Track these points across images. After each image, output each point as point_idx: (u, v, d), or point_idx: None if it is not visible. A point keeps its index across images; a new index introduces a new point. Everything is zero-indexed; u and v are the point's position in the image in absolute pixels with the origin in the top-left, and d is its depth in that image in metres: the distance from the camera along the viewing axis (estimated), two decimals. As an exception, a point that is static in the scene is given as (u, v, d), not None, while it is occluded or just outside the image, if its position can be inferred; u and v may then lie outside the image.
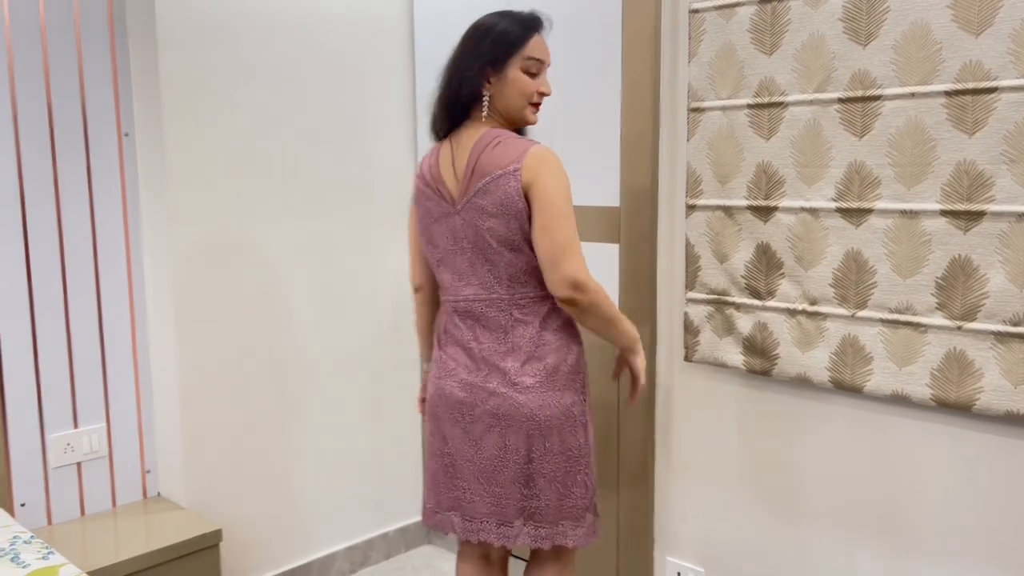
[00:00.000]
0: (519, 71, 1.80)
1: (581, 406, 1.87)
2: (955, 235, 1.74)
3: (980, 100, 1.68)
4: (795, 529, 2.11)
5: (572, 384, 1.85)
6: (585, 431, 1.88)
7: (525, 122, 1.86)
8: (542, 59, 1.82)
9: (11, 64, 2.18)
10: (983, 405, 1.73)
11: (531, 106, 1.85)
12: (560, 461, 1.84)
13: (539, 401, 1.82)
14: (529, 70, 1.81)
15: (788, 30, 1.94)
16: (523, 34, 1.80)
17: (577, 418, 1.86)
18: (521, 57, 1.80)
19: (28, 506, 2.30)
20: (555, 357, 1.83)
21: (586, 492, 1.89)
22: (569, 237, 1.73)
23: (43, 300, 2.28)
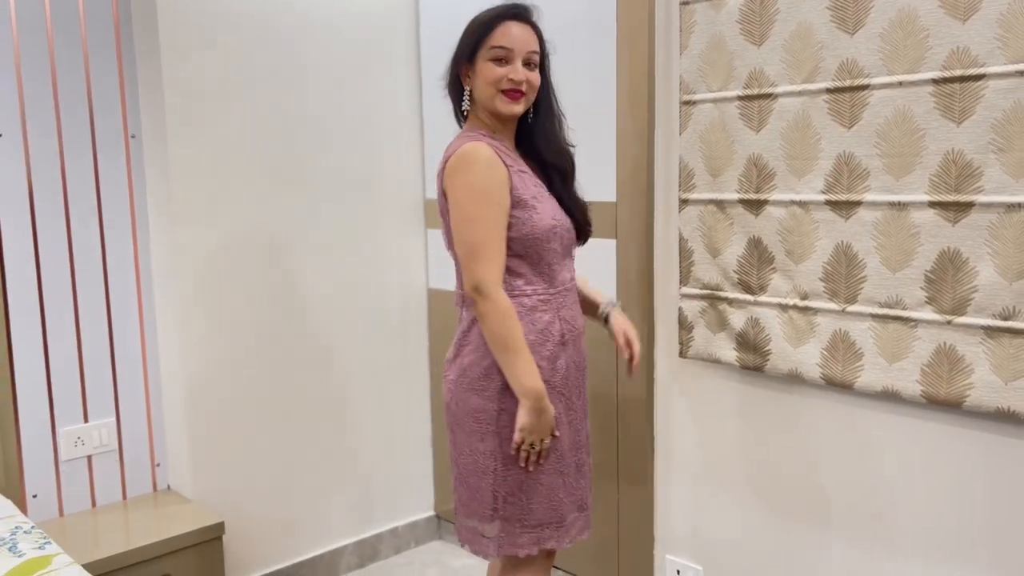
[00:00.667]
0: (486, 61, 1.77)
1: (492, 414, 1.77)
2: (944, 227, 1.69)
3: (968, 88, 1.63)
4: (791, 527, 2.08)
5: (483, 389, 1.78)
6: (496, 439, 1.77)
7: (500, 113, 1.79)
8: (508, 46, 1.74)
9: (19, 66, 2.25)
10: (973, 402, 1.68)
11: (501, 94, 1.76)
12: (467, 460, 1.82)
13: (451, 396, 1.84)
14: (496, 58, 1.75)
15: (777, 20, 1.90)
16: (489, 23, 1.76)
17: (484, 424, 1.78)
18: (487, 47, 1.76)
19: (40, 497, 2.37)
20: (471, 358, 1.80)
21: (493, 501, 1.79)
22: (474, 241, 1.70)
23: (53, 297, 2.35)
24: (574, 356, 1.86)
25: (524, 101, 1.79)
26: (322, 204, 2.70)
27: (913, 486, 1.84)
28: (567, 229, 1.86)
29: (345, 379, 2.81)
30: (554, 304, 1.82)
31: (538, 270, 1.80)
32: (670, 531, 2.35)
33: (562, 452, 1.82)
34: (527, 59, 1.77)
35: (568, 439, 1.84)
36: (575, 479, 1.87)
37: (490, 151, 1.73)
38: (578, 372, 1.88)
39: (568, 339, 1.84)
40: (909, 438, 1.83)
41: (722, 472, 2.21)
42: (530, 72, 1.78)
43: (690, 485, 2.29)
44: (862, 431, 1.91)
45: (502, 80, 1.75)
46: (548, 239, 1.79)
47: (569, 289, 1.87)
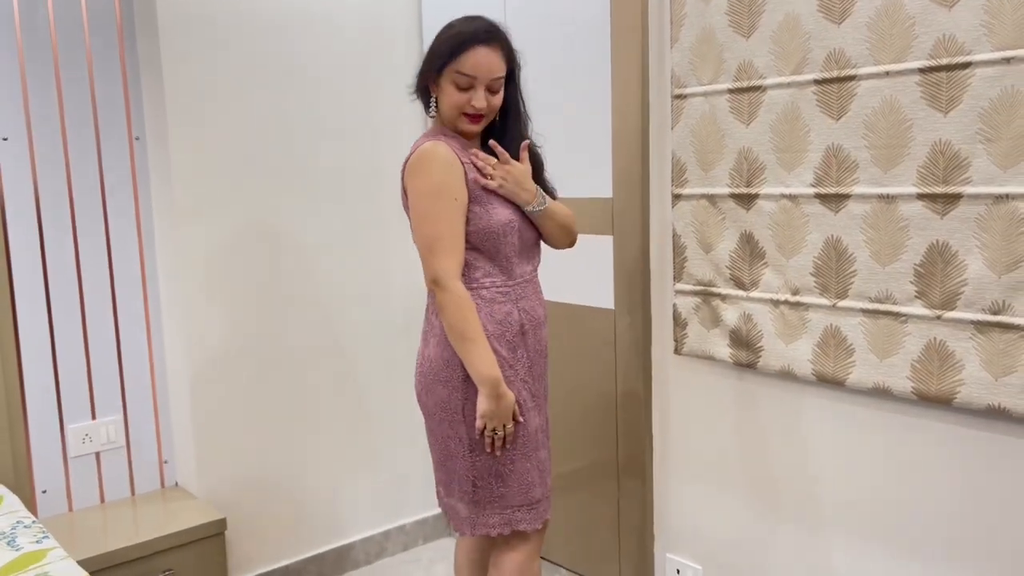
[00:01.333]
0: (449, 83, 1.80)
1: (458, 403, 1.83)
2: (932, 220, 1.65)
3: (954, 76, 1.59)
4: (788, 524, 2.04)
5: (447, 379, 1.83)
6: (463, 426, 1.83)
7: (460, 131, 1.85)
8: (472, 74, 1.77)
9: (23, 71, 2.30)
10: (964, 398, 1.64)
11: (465, 117, 1.82)
12: (441, 447, 1.89)
13: (421, 386, 1.91)
14: (458, 84, 1.78)
15: (765, 10, 1.87)
16: (457, 47, 1.77)
17: (451, 413, 1.84)
18: (452, 70, 1.78)
19: (49, 493, 2.42)
20: (436, 349, 1.85)
21: (470, 484, 1.86)
22: (431, 236, 1.76)
23: (60, 297, 2.40)
24: (535, 344, 1.91)
25: (484, 121, 1.85)
26: (325, 203, 2.72)
27: (905, 483, 1.80)
28: (528, 224, 1.89)
29: (350, 376, 2.83)
30: (513, 295, 1.86)
31: (496, 263, 1.85)
32: (669, 529, 2.33)
33: (529, 436, 1.88)
34: (489, 85, 1.80)
35: (533, 423, 1.90)
36: (545, 462, 1.94)
37: (447, 149, 1.79)
38: (540, 359, 1.93)
39: (528, 328, 1.88)
40: (900, 435, 1.79)
41: (719, 470, 2.18)
42: (492, 97, 1.82)
43: (688, 483, 2.26)
44: (855, 428, 1.88)
45: (465, 106, 1.80)
46: (505, 233, 1.83)
47: (529, 280, 1.92)
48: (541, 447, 1.93)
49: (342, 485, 2.84)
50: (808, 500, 1.99)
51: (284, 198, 2.63)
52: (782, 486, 2.04)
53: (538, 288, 1.95)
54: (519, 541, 1.93)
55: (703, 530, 2.24)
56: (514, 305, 1.86)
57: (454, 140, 1.85)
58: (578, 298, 2.44)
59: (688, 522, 2.28)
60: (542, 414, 1.95)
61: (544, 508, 1.93)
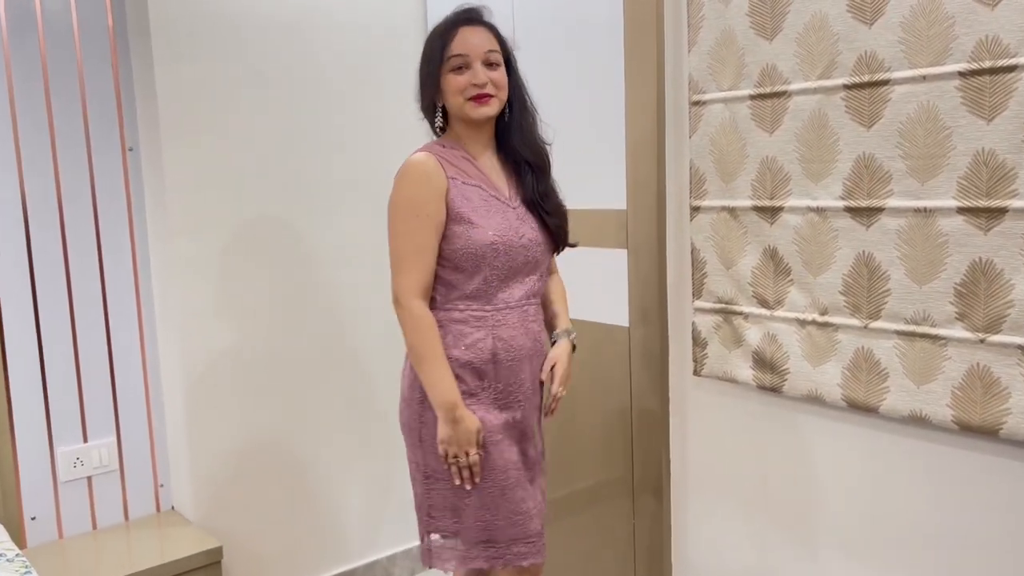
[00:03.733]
0: (448, 73, 1.74)
1: (416, 425, 1.79)
2: (975, 235, 1.53)
3: (999, 80, 1.47)
4: (813, 556, 1.92)
5: (410, 400, 1.80)
6: (420, 451, 1.79)
7: (472, 119, 1.76)
8: (463, 52, 1.72)
9: (10, 81, 2.20)
10: (1011, 429, 1.51)
11: (470, 101, 1.73)
12: (409, 469, 1.86)
13: (399, 407, 1.87)
14: (455, 67, 1.73)
15: (789, 11, 1.75)
16: (442, 37, 1.75)
17: (412, 435, 1.81)
18: (446, 61, 1.73)
19: (39, 520, 2.32)
20: (407, 368, 1.83)
21: (420, 514, 1.83)
22: (396, 254, 1.74)
23: (49, 314, 2.30)
24: (511, 376, 1.78)
25: (495, 102, 1.75)
26: (323, 214, 2.61)
27: (944, 518, 1.67)
28: (519, 246, 1.76)
29: (351, 398, 2.72)
30: (490, 322, 1.76)
31: (473, 285, 1.74)
32: (687, 557, 2.21)
33: (496, 471, 1.76)
34: (486, 59, 1.73)
35: (504, 458, 1.77)
36: (521, 502, 1.78)
37: (430, 163, 1.73)
38: (519, 391, 1.80)
39: (503, 359, 1.77)
40: (939, 467, 1.66)
41: (742, 497, 2.05)
42: (492, 72, 1.74)
43: (708, 511, 2.14)
44: (888, 458, 1.75)
45: (467, 87, 1.72)
46: (484, 255, 1.73)
47: (515, 307, 1.78)
48: (517, 486, 1.78)
49: (344, 509, 2.72)
50: (837, 532, 1.86)
51: (282, 210, 2.52)
52: (809, 516, 1.92)
53: (528, 317, 1.81)
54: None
55: (723, 560, 2.12)
56: (489, 332, 1.75)
57: (450, 151, 1.78)
58: (590, 314, 2.32)
59: (707, 551, 2.15)
60: (521, 450, 1.82)
61: (513, 551, 1.78)
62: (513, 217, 1.77)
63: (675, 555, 2.23)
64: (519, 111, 1.82)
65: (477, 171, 1.79)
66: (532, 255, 1.79)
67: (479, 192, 1.76)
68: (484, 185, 1.77)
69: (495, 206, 1.76)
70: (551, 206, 1.83)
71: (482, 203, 1.75)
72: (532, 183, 1.81)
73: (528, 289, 1.81)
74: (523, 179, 1.82)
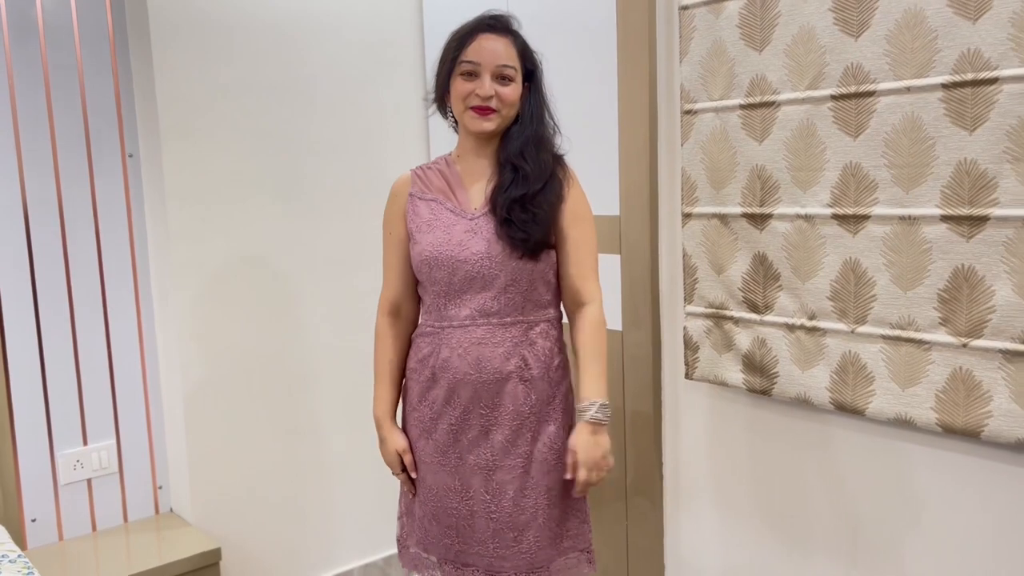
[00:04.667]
0: (457, 79, 1.70)
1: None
2: (957, 243, 1.57)
3: (980, 92, 1.51)
4: (803, 557, 1.96)
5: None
6: None
7: (471, 131, 1.72)
8: (475, 60, 1.67)
9: (12, 88, 2.23)
10: (992, 432, 1.55)
11: (471, 111, 1.68)
12: None
13: None
14: (464, 72, 1.69)
15: (778, 23, 1.80)
16: (461, 40, 1.70)
17: None
18: (458, 63, 1.70)
19: (39, 522, 2.35)
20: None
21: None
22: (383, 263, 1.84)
23: (50, 318, 2.33)
24: (450, 399, 1.71)
25: (496, 118, 1.69)
26: (323, 221, 2.65)
27: (929, 517, 1.71)
28: (458, 259, 1.68)
29: (348, 401, 2.75)
30: (437, 339, 1.74)
31: (428, 300, 1.78)
32: (680, 559, 2.24)
33: (428, 491, 1.78)
34: (498, 72, 1.67)
35: (434, 480, 1.75)
36: (445, 528, 1.76)
37: (402, 181, 1.82)
38: (463, 419, 1.71)
39: (441, 379, 1.71)
40: (923, 468, 1.71)
41: (733, 499, 2.10)
42: (502, 86, 1.68)
43: (700, 512, 2.18)
44: (875, 459, 1.79)
45: (470, 96, 1.68)
46: (421, 270, 1.75)
47: (457, 327, 1.70)
48: (450, 514, 1.73)
49: (341, 510, 2.75)
50: (824, 532, 1.91)
51: (281, 216, 2.56)
52: (798, 517, 1.96)
53: (473, 339, 1.68)
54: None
55: (714, 561, 2.16)
56: (434, 349, 1.74)
57: (433, 163, 1.82)
58: (584, 319, 2.36)
59: (699, 552, 2.19)
60: (459, 477, 1.73)
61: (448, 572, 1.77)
62: (460, 229, 1.70)
63: (668, 556, 2.27)
64: (528, 122, 1.72)
65: (444, 183, 1.77)
66: (478, 270, 1.67)
67: (431, 206, 1.75)
68: (441, 198, 1.75)
69: (444, 219, 1.72)
70: (518, 212, 1.66)
71: (429, 217, 1.74)
72: (505, 187, 1.69)
73: (479, 307, 1.69)
74: (499, 183, 1.71)
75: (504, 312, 1.69)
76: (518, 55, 1.71)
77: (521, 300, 1.71)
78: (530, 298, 1.72)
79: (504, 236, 1.66)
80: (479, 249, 1.68)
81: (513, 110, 1.71)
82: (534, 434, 1.72)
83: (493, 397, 1.70)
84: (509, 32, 1.72)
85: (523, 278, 1.69)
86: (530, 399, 1.71)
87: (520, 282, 1.69)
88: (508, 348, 1.69)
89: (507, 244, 1.67)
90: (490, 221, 1.69)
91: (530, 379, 1.70)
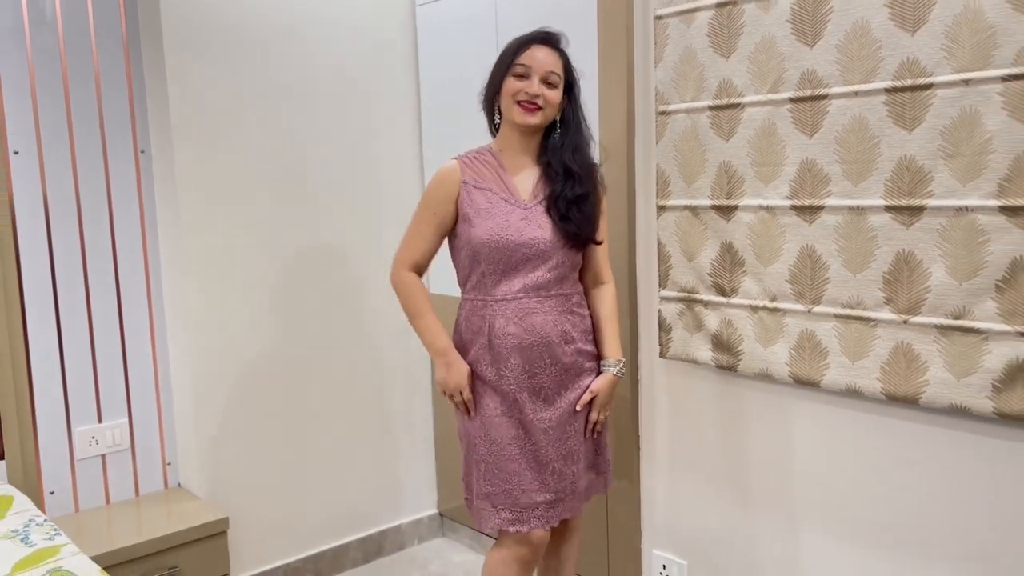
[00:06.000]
0: (509, 77, 1.96)
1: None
2: (899, 230, 1.76)
3: (918, 96, 1.70)
4: (768, 520, 2.15)
5: None
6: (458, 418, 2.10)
7: (516, 123, 1.97)
8: (528, 64, 1.94)
9: (34, 89, 2.39)
10: (929, 398, 1.75)
11: (518, 105, 1.94)
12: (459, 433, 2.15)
13: None
14: (517, 74, 1.95)
15: (743, 33, 1.98)
16: (517, 49, 1.97)
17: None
18: (512, 67, 1.95)
19: (57, 494, 2.51)
20: None
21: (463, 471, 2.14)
22: (406, 231, 2.07)
23: (68, 304, 2.49)
24: (507, 360, 1.97)
25: (540, 115, 1.95)
26: (328, 213, 2.82)
27: (876, 479, 1.91)
28: (516, 244, 1.95)
29: (349, 381, 2.92)
30: (488, 312, 1.99)
31: (476, 277, 2.00)
32: (656, 526, 2.43)
33: (493, 440, 1.99)
34: (545, 77, 1.94)
35: (501, 431, 1.99)
36: (513, 475, 1.99)
37: (451, 169, 2.00)
38: (513, 376, 1.97)
39: (500, 348, 1.97)
40: (871, 433, 1.90)
41: (703, 468, 2.28)
42: (547, 89, 1.95)
43: (674, 482, 2.36)
44: (829, 427, 1.98)
45: (520, 92, 1.94)
46: (479, 251, 1.96)
47: (511, 300, 1.97)
48: (512, 460, 1.98)
49: (340, 487, 2.93)
50: (786, 496, 2.10)
51: (286, 209, 2.73)
52: (762, 483, 2.15)
53: (527, 309, 1.96)
54: (500, 538, 2.08)
55: (687, 526, 2.34)
56: (487, 322, 1.98)
57: (479, 156, 2.02)
58: (568, 305, 2.54)
59: (673, 519, 2.38)
60: (523, 427, 1.99)
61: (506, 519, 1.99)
62: (517, 217, 1.96)
63: (644, 523, 2.46)
64: (573, 130, 2.01)
65: (495, 175, 2.01)
66: (533, 251, 1.95)
67: (486, 195, 1.98)
68: (495, 188, 1.99)
69: (499, 207, 1.97)
70: (575, 211, 1.97)
71: (486, 205, 1.97)
72: (561, 189, 1.97)
73: (531, 282, 1.97)
74: (555, 185, 1.99)
75: (550, 287, 2.00)
76: (563, 68, 1.99)
77: (561, 278, 2.02)
78: (568, 276, 2.04)
79: (562, 230, 1.98)
80: (536, 235, 1.97)
81: (554, 111, 1.99)
82: (575, 383, 2.04)
83: (544, 357, 1.99)
84: (558, 48, 2.00)
85: (567, 263, 2.02)
86: (571, 356, 2.02)
87: (565, 264, 2.01)
88: (555, 316, 2.00)
89: (563, 236, 1.98)
90: (542, 212, 1.99)
91: (572, 340, 2.02)
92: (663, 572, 2.42)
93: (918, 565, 1.86)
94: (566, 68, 2.00)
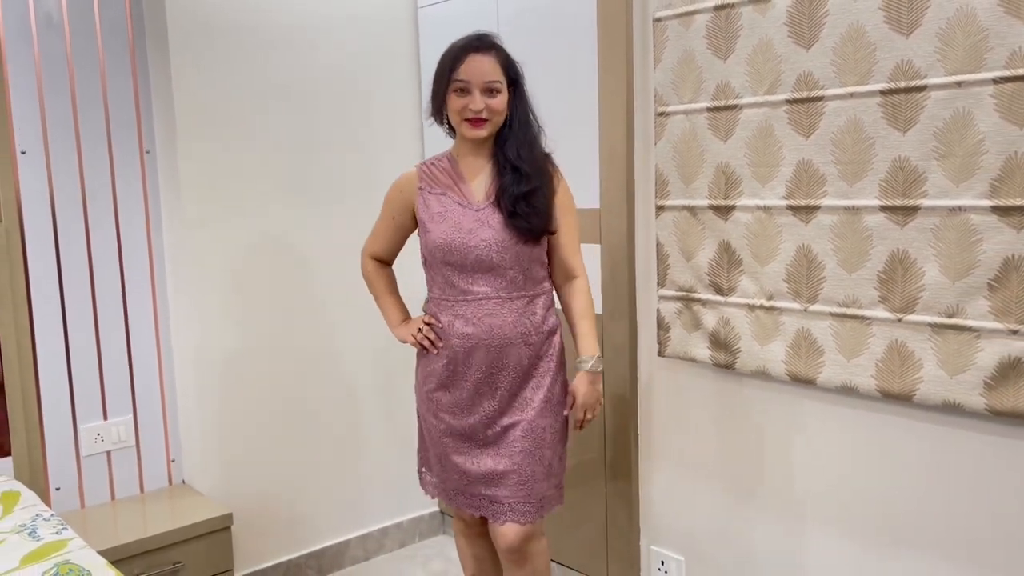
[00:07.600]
0: (451, 92, 1.97)
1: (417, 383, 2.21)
2: (893, 230, 1.79)
3: (912, 98, 1.73)
4: (764, 517, 2.17)
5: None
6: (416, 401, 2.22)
7: (467, 139, 2.01)
8: (466, 79, 1.93)
9: (40, 89, 2.42)
10: (922, 395, 1.77)
11: (466, 122, 1.96)
12: None
13: None
14: (457, 89, 1.95)
15: (740, 35, 2.01)
16: (452, 60, 1.96)
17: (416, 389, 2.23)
18: (452, 81, 1.95)
19: (63, 490, 2.54)
20: None
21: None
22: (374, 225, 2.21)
23: (74, 303, 2.52)
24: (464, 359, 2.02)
25: (488, 126, 1.98)
26: (331, 213, 2.85)
27: (871, 475, 1.93)
28: (469, 246, 1.97)
29: (351, 378, 2.95)
30: (452, 311, 2.03)
31: (439, 279, 2.06)
32: (654, 523, 2.46)
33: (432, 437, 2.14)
34: (486, 87, 1.95)
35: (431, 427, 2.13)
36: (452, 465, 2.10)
37: (409, 177, 2.11)
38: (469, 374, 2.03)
39: (458, 344, 2.01)
40: (866, 430, 1.93)
41: (700, 465, 2.31)
42: (490, 99, 1.95)
43: (671, 479, 2.39)
44: (825, 424, 2.01)
45: (464, 110, 1.96)
46: (435, 254, 2.02)
47: (471, 300, 2.00)
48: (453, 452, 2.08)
49: (342, 484, 2.95)
50: (783, 492, 2.12)
51: (290, 209, 2.76)
52: (758, 480, 2.17)
53: (484, 311, 1.99)
54: None
55: (685, 522, 2.37)
56: (450, 319, 2.03)
57: (437, 162, 2.07)
58: (568, 304, 2.57)
59: (671, 515, 2.41)
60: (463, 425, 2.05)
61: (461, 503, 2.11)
62: (469, 220, 1.99)
63: (642, 519, 2.48)
64: (518, 127, 2.01)
65: (451, 179, 2.04)
66: (488, 254, 1.96)
67: (440, 200, 2.03)
68: (450, 192, 2.04)
69: (453, 211, 2.01)
70: (523, 206, 1.95)
71: (440, 209, 2.03)
72: (509, 185, 1.97)
73: (488, 284, 1.99)
74: (504, 182, 1.99)
75: (510, 288, 2.00)
76: (502, 68, 1.98)
77: (523, 278, 2.01)
78: (530, 276, 2.03)
79: (511, 227, 1.97)
80: (487, 236, 1.98)
81: (502, 116, 2.00)
82: (534, 385, 2.04)
83: (502, 358, 2.01)
84: (492, 48, 1.98)
85: (525, 259, 2.00)
86: (530, 356, 2.03)
87: (522, 263, 2.00)
88: (515, 318, 2.00)
89: (514, 233, 1.97)
90: (495, 212, 1.99)
91: (532, 343, 2.02)
92: (661, 568, 2.45)
93: (912, 559, 1.89)
94: (506, 67, 1.98)
